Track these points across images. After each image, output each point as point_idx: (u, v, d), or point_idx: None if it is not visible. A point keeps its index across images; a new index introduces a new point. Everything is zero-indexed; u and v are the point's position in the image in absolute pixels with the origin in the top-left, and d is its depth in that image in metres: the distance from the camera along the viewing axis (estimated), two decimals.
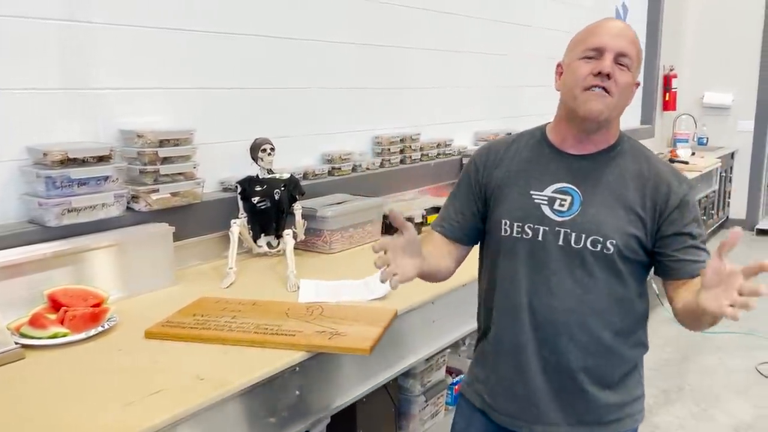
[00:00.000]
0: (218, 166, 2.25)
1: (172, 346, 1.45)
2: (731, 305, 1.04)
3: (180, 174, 2.00)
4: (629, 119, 5.86)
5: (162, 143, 1.94)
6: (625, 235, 1.28)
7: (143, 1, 2.00)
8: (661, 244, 1.30)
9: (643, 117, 6.15)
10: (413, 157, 3.02)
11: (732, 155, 6.51)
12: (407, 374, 2.22)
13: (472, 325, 2.03)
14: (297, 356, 1.41)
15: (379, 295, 1.77)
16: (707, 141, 6.58)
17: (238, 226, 2.06)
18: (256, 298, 1.74)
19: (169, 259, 1.90)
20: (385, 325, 1.53)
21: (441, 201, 2.70)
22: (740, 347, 3.76)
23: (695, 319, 1.19)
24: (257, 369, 1.34)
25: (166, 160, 1.96)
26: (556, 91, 1.38)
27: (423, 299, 1.79)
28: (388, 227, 2.50)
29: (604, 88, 1.25)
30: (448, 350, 2.38)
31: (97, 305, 1.56)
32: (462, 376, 2.52)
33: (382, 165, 2.86)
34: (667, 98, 6.46)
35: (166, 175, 1.96)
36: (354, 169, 2.71)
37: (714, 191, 5.45)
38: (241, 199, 2.16)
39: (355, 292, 1.80)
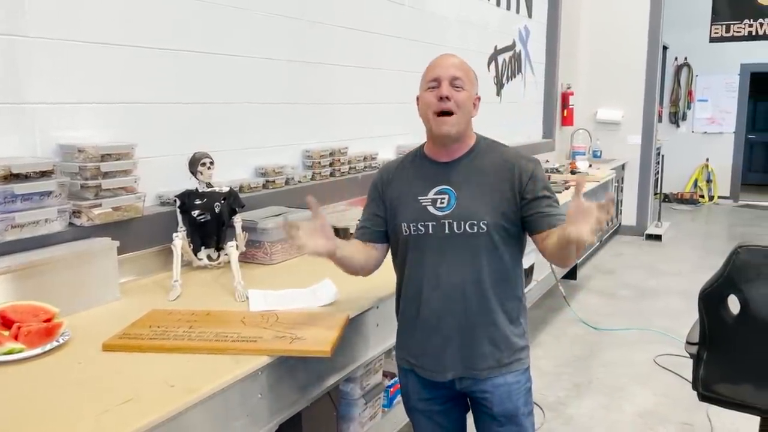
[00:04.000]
0: (155, 181, 2.26)
1: (131, 357, 1.47)
2: (591, 230, 1.39)
3: (122, 188, 2.01)
4: (532, 134, 6.25)
5: (104, 158, 1.94)
6: (494, 214, 1.61)
7: (80, 15, 2.00)
8: (526, 209, 1.63)
9: (544, 132, 6.56)
10: (342, 170, 3.12)
11: (623, 166, 7.07)
12: (348, 379, 2.30)
13: None
14: (260, 361, 1.47)
15: (327, 302, 1.86)
16: (601, 154, 7.11)
17: (181, 239, 2.08)
18: (206, 309, 1.77)
19: (113, 274, 1.90)
20: (340, 328, 1.61)
21: None
22: (639, 342, 4.11)
23: (563, 251, 1.53)
24: (223, 374, 1.39)
25: (107, 175, 1.96)
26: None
27: (369, 304, 1.89)
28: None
29: (448, 112, 1.60)
30: (383, 354, 2.49)
31: (48, 320, 1.55)
32: (397, 378, 2.64)
33: (313, 178, 2.95)
34: (565, 114, 6.93)
35: (108, 189, 1.96)
36: (287, 182, 2.78)
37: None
38: (181, 212, 2.18)
39: (303, 300, 1.88)
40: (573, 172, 5.35)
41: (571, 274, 5.31)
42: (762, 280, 2.09)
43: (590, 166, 5.89)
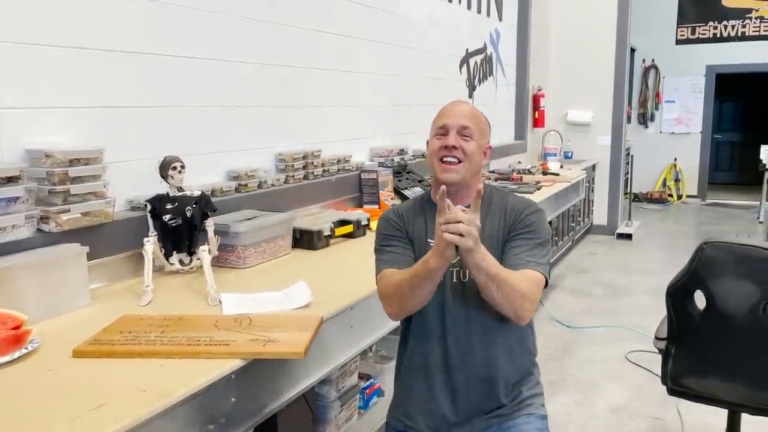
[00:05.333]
0: (125, 185, 2.23)
1: (103, 363, 1.45)
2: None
3: (91, 193, 1.98)
4: (504, 136, 6.32)
5: (72, 162, 1.92)
6: (499, 261, 1.53)
7: (48, 19, 1.97)
8: (506, 246, 1.61)
9: (516, 133, 6.63)
10: (315, 173, 3.12)
11: (593, 167, 7.17)
12: (323, 381, 2.30)
13: (387, 328, 2.17)
14: (233, 364, 1.46)
15: (301, 305, 1.86)
16: (572, 155, 7.20)
17: (152, 244, 2.06)
18: (179, 314, 1.76)
19: (83, 280, 1.87)
20: (313, 330, 1.62)
21: (345, 215, 2.85)
22: (611, 339, 4.18)
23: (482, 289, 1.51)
24: (196, 378, 1.38)
25: (76, 180, 1.93)
26: None
27: (343, 305, 1.90)
28: (298, 240, 2.58)
29: (456, 159, 1.59)
30: (359, 356, 2.49)
31: (17, 327, 1.53)
32: (372, 380, 2.65)
33: (286, 181, 2.94)
34: (536, 116, 7.02)
35: (77, 194, 1.94)
36: (260, 186, 2.78)
37: (581, 200, 5.99)
38: (152, 217, 2.16)
39: (277, 303, 1.87)
40: (545, 173, 5.42)
41: None
42: (726, 276, 2.15)
43: (561, 167, 5.96)
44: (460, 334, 1.61)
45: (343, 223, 2.73)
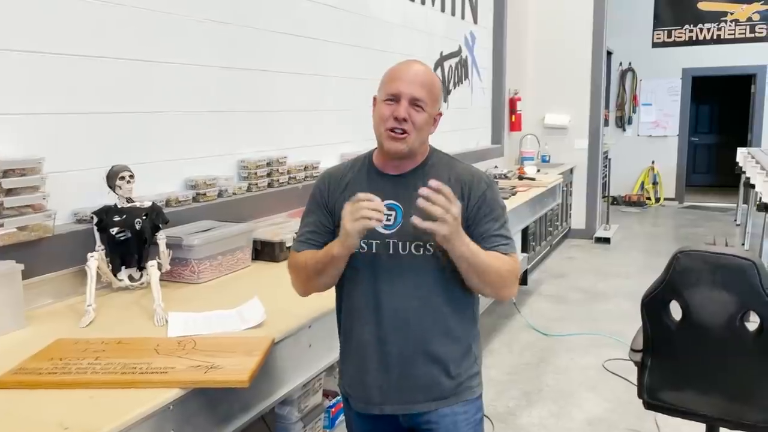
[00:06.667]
0: (71, 197, 2.10)
1: (27, 395, 1.33)
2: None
3: (28, 206, 1.85)
4: (481, 140, 6.24)
5: (6, 174, 1.78)
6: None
7: None
8: (471, 237, 1.48)
9: (493, 137, 6.56)
10: (281, 181, 3.00)
11: (571, 171, 7.12)
12: (284, 402, 2.18)
13: None
14: (170, 394, 1.34)
15: (254, 324, 1.74)
16: (550, 158, 7.15)
17: (96, 259, 1.93)
18: (121, 335, 1.64)
19: (17, 300, 1.74)
20: (262, 354, 1.50)
21: None
22: (588, 347, 4.10)
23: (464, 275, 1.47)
24: (127, 412, 1.26)
25: (10, 192, 1.80)
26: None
27: (299, 324, 1.78)
28: (259, 252, 2.47)
29: (403, 130, 1.47)
30: (324, 373, 2.38)
31: None
32: (339, 397, 2.53)
33: (249, 189, 2.82)
34: (513, 120, 6.95)
35: (12, 208, 1.80)
36: (220, 195, 2.65)
37: (558, 204, 5.93)
38: (98, 230, 2.04)
39: (228, 322, 1.75)
40: (521, 178, 5.35)
41: (522, 280, 5.29)
42: (702, 285, 2.07)
43: (538, 171, 5.90)
44: (397, 309, 1.50)
45: None
